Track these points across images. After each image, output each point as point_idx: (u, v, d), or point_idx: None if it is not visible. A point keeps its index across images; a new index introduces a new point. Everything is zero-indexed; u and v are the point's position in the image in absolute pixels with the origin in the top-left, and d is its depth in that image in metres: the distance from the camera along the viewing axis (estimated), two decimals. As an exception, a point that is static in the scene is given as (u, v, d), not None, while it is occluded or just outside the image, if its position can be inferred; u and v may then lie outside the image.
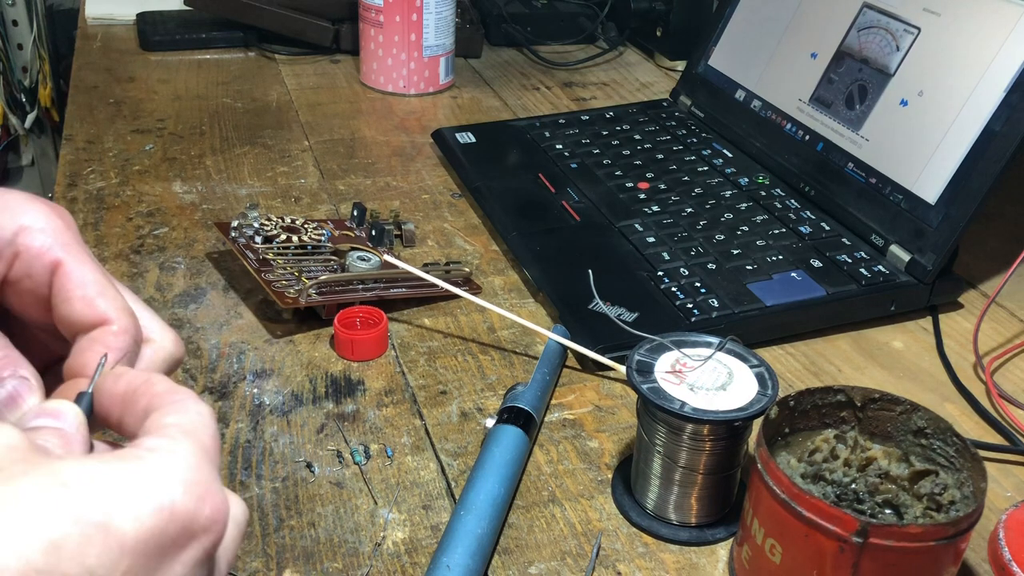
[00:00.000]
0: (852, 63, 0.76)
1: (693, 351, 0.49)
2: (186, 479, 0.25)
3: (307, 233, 0.69)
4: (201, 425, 0.27)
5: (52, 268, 0.31)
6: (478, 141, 0.88)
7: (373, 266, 0.66)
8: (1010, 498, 0.53)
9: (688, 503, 0.48)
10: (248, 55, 1.14)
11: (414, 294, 0.66)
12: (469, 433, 0.55)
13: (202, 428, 0.27)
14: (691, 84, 0.94)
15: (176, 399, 0.28)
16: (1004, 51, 0.64)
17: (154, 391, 0.28)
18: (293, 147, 0.90)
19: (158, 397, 0.28)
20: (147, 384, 0.28)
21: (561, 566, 0.47)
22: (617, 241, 0.71)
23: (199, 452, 0.26)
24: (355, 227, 0.73)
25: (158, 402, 0.28)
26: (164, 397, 0.28)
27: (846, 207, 0.72)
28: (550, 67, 1.17)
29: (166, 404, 0.27)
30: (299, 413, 0.56)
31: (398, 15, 1.00)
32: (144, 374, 0.29)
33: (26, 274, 0.31)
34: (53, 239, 0.31)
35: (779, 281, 0.66)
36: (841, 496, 0.45)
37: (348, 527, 0.48)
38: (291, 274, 0.64)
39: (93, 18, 1.21)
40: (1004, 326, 0.68)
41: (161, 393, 0.28)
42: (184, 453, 0.26)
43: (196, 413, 0.27)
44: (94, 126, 0.92)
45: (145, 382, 0.28)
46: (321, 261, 0.66)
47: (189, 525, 0.25)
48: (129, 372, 0.29)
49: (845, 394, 0.46)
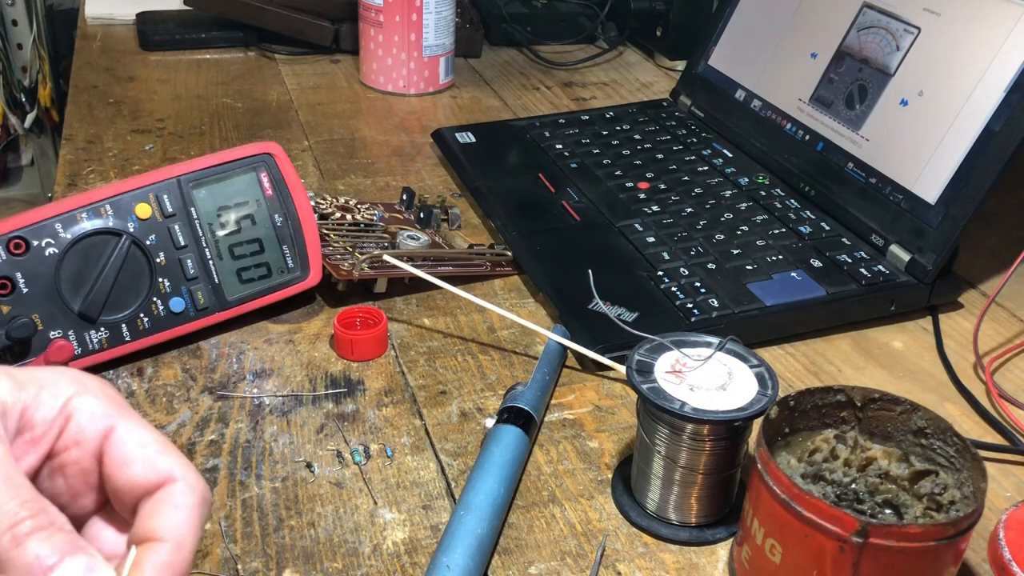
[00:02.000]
0: (852, 63, 0.76)
1: (693, 351, 0.49)
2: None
3: (360, 213, 0.72)
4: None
5: (105, 433, 0.30)
6: (478, 141, 0.88)
7: (422, 245, 0.69)
8: (1010, 498, 0.52)
9: (688, 503, 0.48)
10: (248, 55, 1.14)
11: (461, 272, 0.68)
12: (469, 433, 0.55)
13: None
14: (691, 84, 0.94)
15: None
16: (1004, 51, 0.64)
17: None
18: (293, 147, 0.90)
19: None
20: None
21: (561, 566, 0.47)
22: (617, 241, 0.71)
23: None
24: (404, 210, 0.76)
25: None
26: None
27: (846, 207, 0.72)
28: (550, 67, 1.17)
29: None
30: (299, 413, 0.56)
31: (398, 15, 1.00)
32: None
33: (76, 441, 0.30)
34: (107, 405, 0.31)
35: (779, 281, 0.66)
36: (841, 496, 0.45)
37: (348, 527, 0.48)
38: (345, 249, 0.66)
39: (93, 18, 1.21)
40: (1004, 326, 0.68)
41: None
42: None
43: None
44: (94, 126, 0.92)
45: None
46: (374, 238, 0.69)
47: None
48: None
49: (845, 394, 0.46)
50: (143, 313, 0.58)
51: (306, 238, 0.63)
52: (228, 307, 0.61)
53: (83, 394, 0.31)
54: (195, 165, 0.60)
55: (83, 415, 0.30)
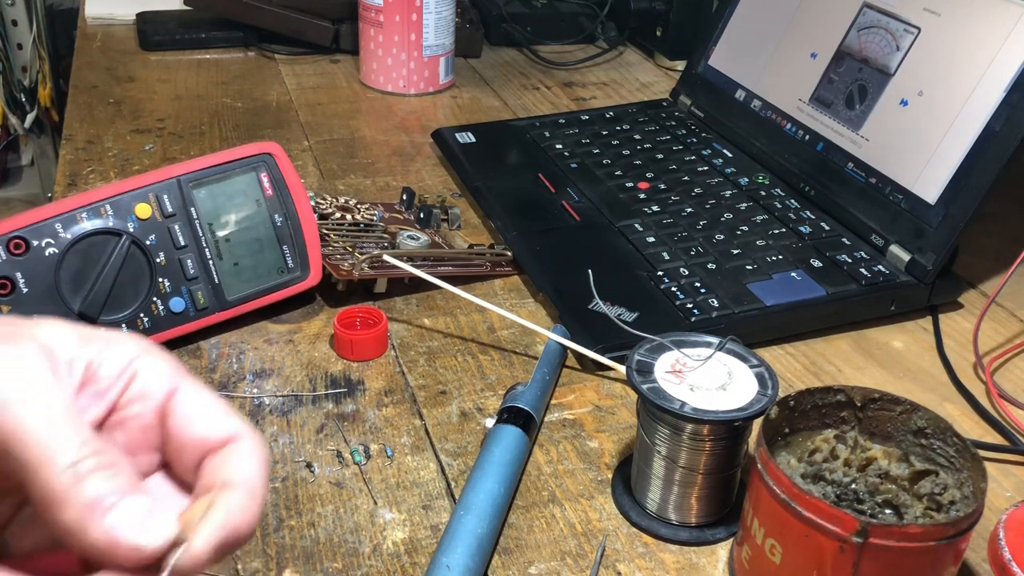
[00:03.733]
0: (852, 63, 0.76)
1: (693, 351, 0.49)
2: None
3: (360, 213, 0.72)
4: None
5: (170, 392, 0.31)
6: (478, 141, 0.88)
7: (422, 245, 0.69)
8: (1010, 498, 0.52)
9: (688, 503, 0.48)
10: (248, 55, 1.14)
11: (461, 272, 0.68)
12: (469, 433, 0.55)
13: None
14: (691, 84, 0.94)
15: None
16: (1004, 51, 0.64)
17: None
18: (293, 147, 0.90)
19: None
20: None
21: (561, 566, 0.47)
22: (617, 241, 0.71)
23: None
24: (404, 210, 0.76)
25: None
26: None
27: (846, 207, 0.72)
28: (550, 67, 1.17)
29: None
30: (299, 413, 0.56)
31: (398, 15, 1.00)
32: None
33: (140, 396, 0.30)
34: (171, 367, 0.31)
35: (779, 281, 0.66)
36: (841, 496, 0.45)
37: (348, 527, 0.48)
38: (345, 249, 0.66)
39: (93, 18, 1.21)
40: (1004, 326, 0.68)
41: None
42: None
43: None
44: (94, 126, 0.92)
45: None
46: (374, 238, 0.69)
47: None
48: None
49: (845, 394, 0.46)
50: (143, 313, 0.58)
51: (306, 238, 0.63)
52: (228, 307, 0.61)
53: (148, 354, 0.31)
54: (195, 165, 0.60)
55: (148, 374, 0.31)
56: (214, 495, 0.29)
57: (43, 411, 0.27)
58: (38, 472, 0.27)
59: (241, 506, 0.28)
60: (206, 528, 0.28)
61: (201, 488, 0.30)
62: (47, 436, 0.27)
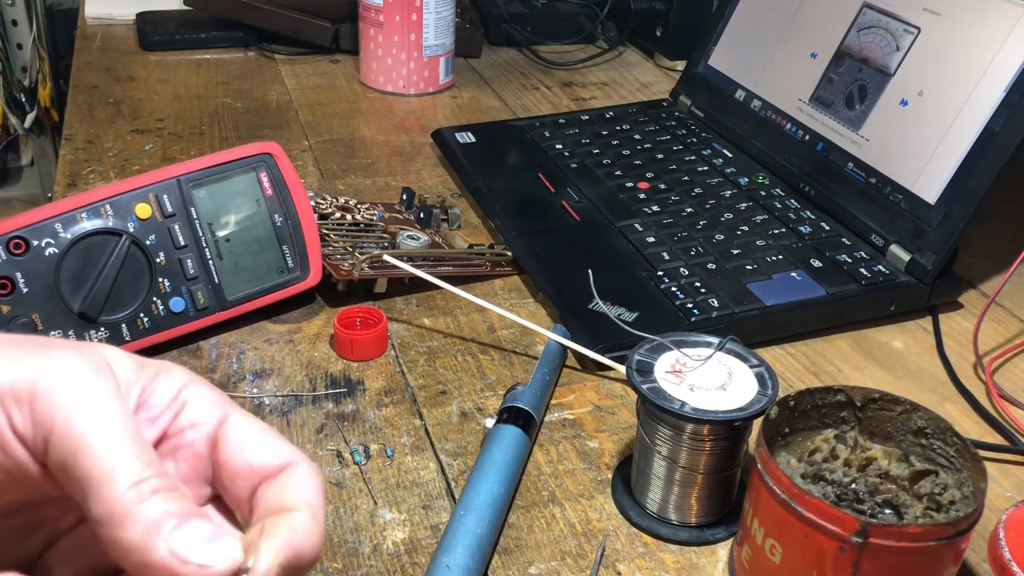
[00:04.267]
0: (852, 63, 0.76)
1: (693, 351, 0.49)
2: None
3: (360, 213, 0.72)
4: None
5: (221, 420, 0.30)
6: (478, 141, 0.88)
7: (422, 245, 0.69)
8: (1010, 498, 0.52)
9: (688, 503, 0.48)
10: (248, 55, 1.14)
11: (461, 272, 0.68)
12: (469, 433, 0.55)
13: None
14: (691, 84, 0.94)
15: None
16: (1004, 51, 0.64)
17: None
18: (293, 147, 0.90)
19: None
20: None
21: (561, 566, 0.47)
22: (617, 241, 0.71)
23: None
24: (404, 210, 0.76)
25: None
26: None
27: (846, 207, 0.72)
28: (550, 67, 1.17)
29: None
30: (299, 413, 0.56)
31: (398, 15, 1.00)
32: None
33: (192, 424, 0.30)
34: (219, 395, 0.31)
35: (779, 281, 0.66)
36: (841, 496, 0.45)
37: (348, 527, 0.48)
38: (345, 249, 0.66)
39: (93, 18, 1.21)
40: (1004, 326, 0.68)
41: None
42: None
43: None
44: (94, 126, 0.92)
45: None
46: (374, 238, 0.69)
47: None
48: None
49: (845, 394, 0.46)
50: (143, 313, 0.58)
51: (306, 238, 0.63)
52: (228, 307, 0.61)
53: (196, 384, 0.31)
54: (195, 165, 0.60)
55: (199, 402, 0.30)
56: (275, 519, 0.28)
57: (110, 427, 0.27)
58: (101, 488, 0.26)
59: (305, 528, 0.28)
60: (270, 550, 0.27)
61: (258, 516, 0.29)
62: (113, 452, 0.26)
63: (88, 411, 0.27)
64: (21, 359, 0.28)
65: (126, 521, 0.26)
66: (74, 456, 0.26)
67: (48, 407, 0.27)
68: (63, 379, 0.27)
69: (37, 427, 0.27)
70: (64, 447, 0.26)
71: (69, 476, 0.26)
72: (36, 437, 0.27)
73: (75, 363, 0.28)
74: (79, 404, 0.27)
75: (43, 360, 0.28)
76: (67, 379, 0.27)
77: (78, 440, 0.26)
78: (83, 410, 0.27)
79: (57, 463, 0.27)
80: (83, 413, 0.27)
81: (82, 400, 0.27)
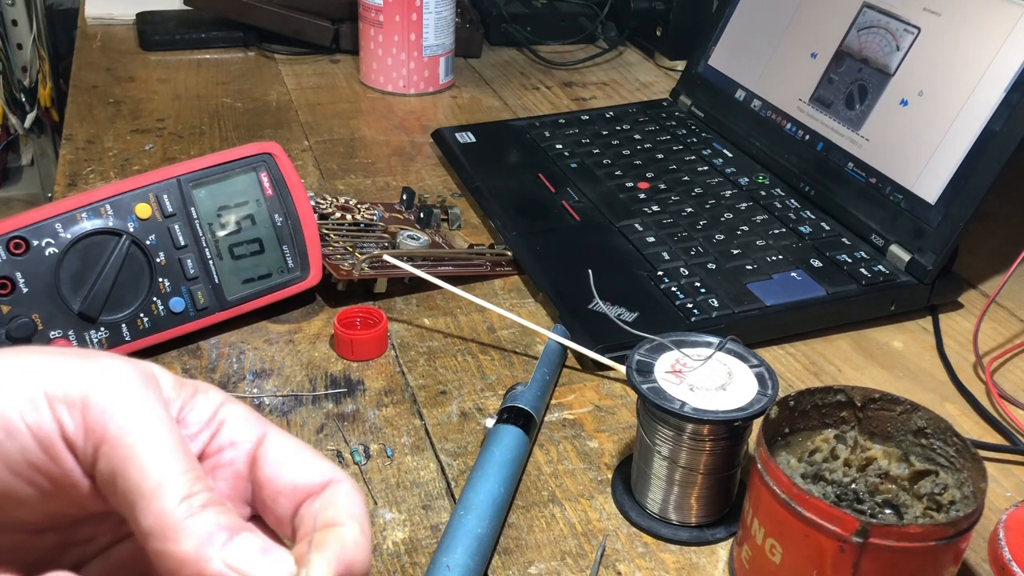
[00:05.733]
0: (852, 63, 0.76)
1: (693, 351, 0.49)
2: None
3: (360, 212, 0.72)
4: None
5: (260, 438, 0.30)
6: (478, 141, 0.88)
7: (422, 245, 0.69)
8: (1010, 498, 0.52)
9: (688, 503, 0.48)
10: (248, 55, 1.14)
11: (461, 272, 0.68)
12: (469, 433, 0.55)
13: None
14: (691, 84, 0.94)
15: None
16: (1004, 51, 0.64)
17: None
18: (293, 147, 0.90)
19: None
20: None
21: (561, 566, 0.47)
22: (617, 241, 0.71)
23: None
24: (404, 210, 0.76)
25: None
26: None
27: (846, 207, 0.72)
28: (550, 67, 1.17)
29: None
30: (299, 413, 0.56)
31: (398, 15, 1.00)
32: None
33: (231, 443, 0.30)
34: (255, 415, 0.31)
35: (779, 281, 0.66)
36: (841, 496, 0.45)
37: (348, 527, 0.48)
38: (345, 249, 0.66)
39: (93, 18, 1.21)
40: (1004, 326, 0.68)
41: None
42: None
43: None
44: (94, 126, 0.92)
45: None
46: (374, 238, 0.69)
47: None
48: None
49: (845, 394, 0.46)
50: (143, 313, 0.58)
51: (306, 238, 0.63)
52: (228, 307, 0.61)
53: (233, 403, 0.31)
54: (195, 165, 0.60)
55: (236, 421, 0.30)
56: (324, 533, 0.28)
57: (162, 439, 0.27)
58: (152, 500, 0.26)
59: (355, 541, 0.28)
60: (322, 562, 0.27)
61: (304, 532, 0.29)
62: (164, 465, 0.26)
63: (140, 422, 0.27)
64: (73, 367, 0.27)
65: (179, 534, 0.26)
66: (124, 467, 0.26)
67: (101, 416, 0.27)
68: (117, 389, 0.27)
69: (89, 435, 0.27)
70: (115, 457, 0.26)
71: (117, 487, 0.26)
72: (87, 446, 0.27)
73: (127, 373, 0.28)
74: (131, 415, 0.27)
75: (96, 368, 0.28)
76: (120, 389, 0.27)
77: (130, 451, 0.26)
78: (135, 421, 0.27)
79: (106, 473, 0.26)
80: (135, 424, 0.27)
81: (134, 411, 0.27)
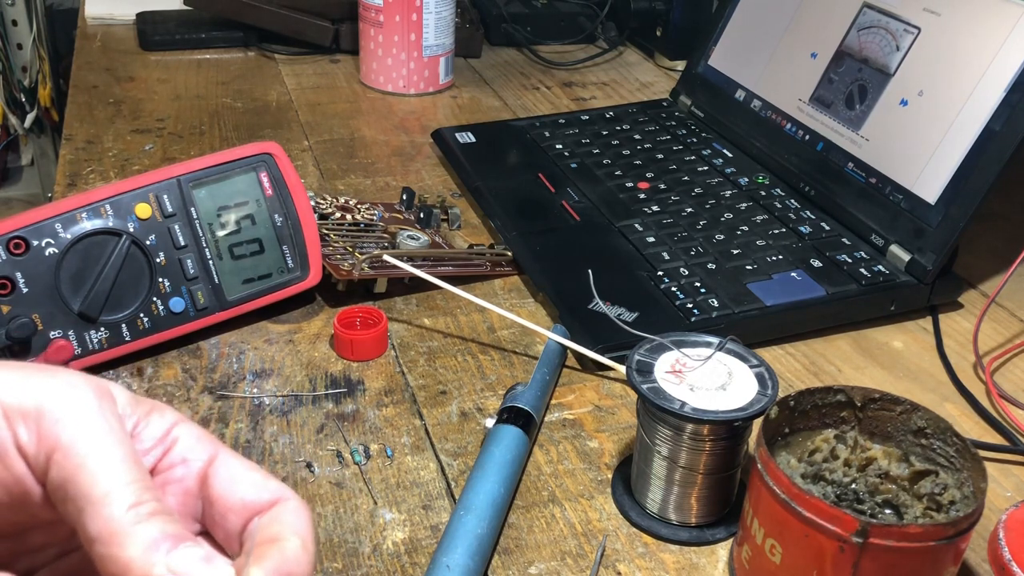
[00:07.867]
0: (852, 63, 0.76)
1: (693, 351, 0.49)
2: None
3: (360, 213, 0.72)
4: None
5: (211, 457, 0.31)
6: (478, 141, 0.88)
7: (422, 245, 0.69)
8: (1010, 498, 0.52)
9: (688, 503, 0.48)
10: (248, 55, 1.14)
11: (461, 272, 0.68)
12: (469, 433, 0.55)
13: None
14: (691, 84, 0.94)
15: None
16: (1004, 51, 0.64)
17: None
18: (293, 147, 0.90)
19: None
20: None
21: (561, 566, 0.47)
22: (617, 241, 0.71)
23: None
24: (404, 210, 0.76)
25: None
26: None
27: (846, 207, 0.72)
28: (550, 67, 1.17)
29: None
30: (299, 413, 0.56)
31: (398, 15, 1.00)
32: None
33: (183, 460, 0.31)
34: (207, 434, 0.32)
35: (779, 281, 0.66)
36: (841, 496, 0.45)
37: (348, 527, 0.48)
38: (345, 249, 0.66)
39: (93, 18, 1.21)
40: (1004, 326, 0.68)
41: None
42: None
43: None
44: (94, 126, 0.92)
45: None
46: (374, 238, 0.69)
47: None
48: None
49: (845, 394, 0.46)
50: (143, 313, 0.58)
51: (306, 238, 0.63)
52: (228, 307, 0.61)
53: (186, 423, 0.32)
54: (195, 165, 0.60)
55: (189, 439, 0.31)
56: (266, 546, 0.28)
57: (112, 450, 0.28)
58: (100, 507, 0.27)
59: (296, 556, 0.28)
60: (259, 573, 0.27)
61: (250, 547, 0.29)
62: (113, 474, 0.27)
63: (92, 433, 0.28)
64: (30, 381, 0.29)
65: (125, 540, 0.26)
66: (75, 474, 0.27)
67: (55, 426, 0.28)
68: (71, 401, 0.28)
69: (41, 444, 0.28)
70: (66, 465, 0.27)
71: (68, 495, 0.27)
72: (39, 454, 0.28)
73: (82, 387, 0.29)
74: (84, 425, 0.28)
75: (52, 382, 0.29)
76: (75, 401, 0.28)
77: (81, 459, 0.27)
78: (87, 431, 0.28)
79: (57, 481, 0.27)
80: (87, 434, 0.28)
81: (87, 422, 0.28)
